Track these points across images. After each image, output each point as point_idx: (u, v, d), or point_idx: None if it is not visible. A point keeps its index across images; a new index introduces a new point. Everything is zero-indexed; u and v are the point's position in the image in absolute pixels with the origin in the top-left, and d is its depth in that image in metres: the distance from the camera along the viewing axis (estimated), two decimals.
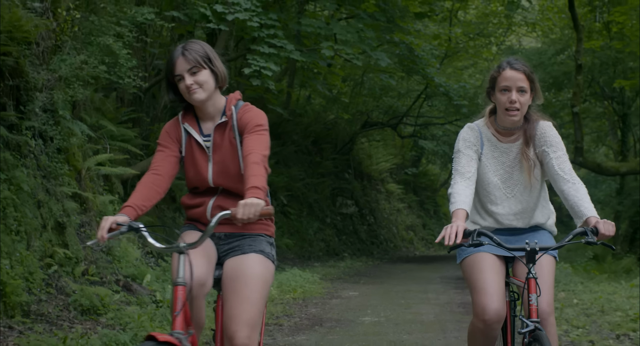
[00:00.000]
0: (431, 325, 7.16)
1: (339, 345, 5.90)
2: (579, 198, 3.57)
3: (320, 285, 10.86)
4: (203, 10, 10.76)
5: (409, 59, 16.24)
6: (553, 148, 3.75)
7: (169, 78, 3.50)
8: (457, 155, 3.83)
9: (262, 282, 3.37)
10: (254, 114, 3.47)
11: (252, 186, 3.13)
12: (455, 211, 3.54)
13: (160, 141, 3.57)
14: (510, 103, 3.68)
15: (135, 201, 3.34)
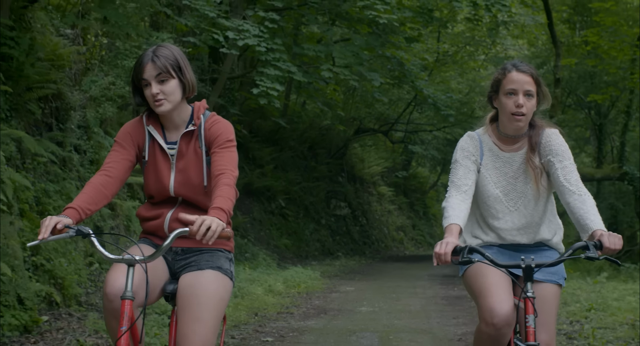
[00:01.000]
0: (417, 313, 8.53)
1: (343, 328, 7.25)
2: (585, 210, 3.33)
3: (320, 281, 12.21)
4: (217, 36, 12.08)
5: (400, 72, 17.57)
6: (559, 158, 3.51)
7: (135, 81, 3.35)
8: (454, 165, 3.61)
9: (217, 300, 3.25)
10: (224, 127, 3.37)
11: (218, 206, 3.02)
12: (448, 226, 3.35)
13: (118, 140, 3.40)
14: (517, 107, 3.47)
15: (80, 204, 3.17)
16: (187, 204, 3.32)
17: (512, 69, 3.49)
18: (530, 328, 3.12)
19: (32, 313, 6.57)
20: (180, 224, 3.18)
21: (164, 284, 3.30)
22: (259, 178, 19.54)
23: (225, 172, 3.15)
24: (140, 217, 3.43)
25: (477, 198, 3.62)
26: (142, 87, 3.29)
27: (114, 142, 3.38)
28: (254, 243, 16.81)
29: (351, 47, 13.44)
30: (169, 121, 3.36)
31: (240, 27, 12.16)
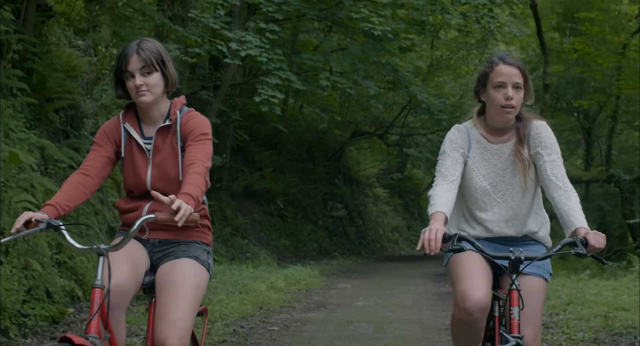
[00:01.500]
0: (410, 307, 9.22)
1: (341, 319, 7.93)
2: (570, 206, 3.36)
3: (319, 279, 12.90)
4: (221, 47, 12.76)
5: (394, 77, 18.25)
6: (547, 150, 3.52)
7: (118, 74, 3.41)
8: (441, 157, 3.62)
9: (194, 286, 3.29)
10: (199, 122, 3.44)
11: (186, 192, 3.09)
12: (434, 213, 3.34)
13: (96, 140, 3.49)
14: (507, 100, 3.48)
15: (58, 201, 3.24)
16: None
17: (500, 62, 3.50)
18: (515, 320, 3.15)
19: (59, 306, 7.25)
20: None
21: (143, 276, 3.35)
22: (259, 181, 20.04)
23: (196, 162, 3.23)
24: (119, 209, 3.51)
25: (464, 191, 3.64)
26: (125, 79, 3.35)
27: (93, 142, 3.47)
28: (254, 243, 17.42)
29: (347, 57, 14.13)
30: (147, 115, 3.44)
31: (243, 38, 12.83)
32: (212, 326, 7.11)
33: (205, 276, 3.35)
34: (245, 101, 16.96)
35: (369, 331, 7.07)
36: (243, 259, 14.86)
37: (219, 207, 17.28)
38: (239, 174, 19.76)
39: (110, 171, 3.45)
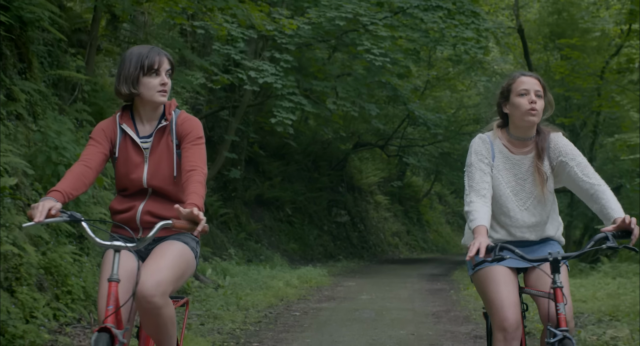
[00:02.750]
0: (405, 299, 11.07)
1: (349, 307, 9.78)
2: (607, 199, 3.58)
3: (327, 278, 14.73)
4: (241, 75, 14.61)
5: (394, 95, 20.08)
6: (570, 156, 3.75)
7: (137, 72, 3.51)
8: (469, 169, 3.82)
9: (180, 256, 3.46)
10: (194, 124, 3.60)
11: (193, 203, 3.24)
12: (477, 227, 3.55)
13: (93, 136, 3.60)
14: (531, 103, 3.71)
15: (65, 188, 3.37)
16: (158, 195, 3.57)
17: (519, 75, 3.83)
18: (562, 315, 3.36)
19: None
20: (151, 217, 3.51)
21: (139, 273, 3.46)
22: (269, 189, 21.61)
23: (196, 168, 3.40)
24: (112, 210, 3.64)
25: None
26: (147, 76, 3.51)
27: (89, 138, 3.60)
28: (267, 247, 19.19)
29: (352, 83, 16.01)
30: (145, 114, 3.60)
31: (260, 67, 14.70)
32: (246, 312, 8.96)
33: (192, 259, 3.54)
34: (259, 119, 18.83)
35: (371, 316, 8.91)
36: (258, 261, 16.60)
37: (235, 214, 19.07)
38: (251, 183, 21.37)
39: (103, 167, 3.58)
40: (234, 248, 16.72)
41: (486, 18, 16.09)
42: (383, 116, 27.35)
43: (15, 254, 6.46)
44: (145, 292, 3.25)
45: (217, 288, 11.42)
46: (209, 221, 16.57)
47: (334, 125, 22.01)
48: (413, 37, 15.43)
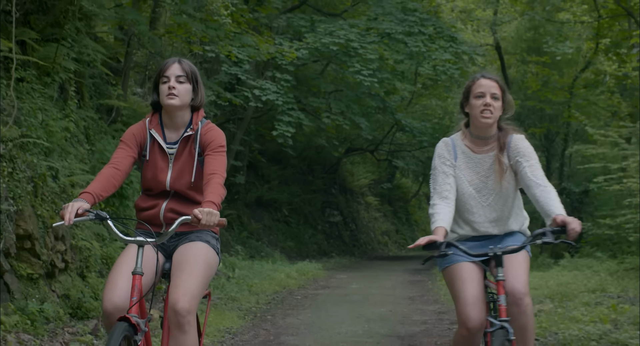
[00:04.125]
0: (388, 287, 13.13)
1: (342, 293, 11.82)
2: (550, 198, 3.76)
3: (322, 271, 16.77)
4: (246, 93, 16.62)
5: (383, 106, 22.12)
6: (526, 158, 3.94)
7: (156, 80, 3.80)
8: (433, 172, 4.05)
9: (205, 263, 3.70)
10: (217, 134, 3.81)
11: (211, 201, 3.49)
12: (436, 228, 3.78)
13: (124, 139, 3.82)
14: (485, 106, 3.91)
15: (95, 190, 3.59)
16: (179, 196, 3.81)
17: (480, 77, 4.02)
18: (502, 307, 3.59)
19: None
20: (173, 214, 3.74)
21: (162, 265, 3.76)
22: (267, 192, 23.30)
23: (216, 172, 3.63)
24: (137, 207, 3.87)
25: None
26: (160, 83, 3.79)
27: (120, 141, 3.83)
28: (267, 244, 21.13)
29: (344, 99, 18.08)
30: (171, 121, 3.82)
31: (263, 86, 16.72)
32: (257, 296, 10.98)
33: (215, 259, 3.81)
34: (260, 129, 20.86)
35: (358, 299, 10.97)
36: (259, 257, 18.57)
37: (237, 215, 20.99)
38: (251, 187, 23.19)
39: (131, 169, 3.83)
40: (237, 245, 18.67)
41: (463, 41, 18.12)
42: (374, 121, 29.33)
43: (86, 248, 8.46)
44: (179, 311, 3.52)
45: (228, 278, 13.39)
46: None
47: (328, 134, 23.97)
48: (398, 59, 17.49)
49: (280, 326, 7.95)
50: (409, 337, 7.25)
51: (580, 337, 6.55)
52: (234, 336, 7.17)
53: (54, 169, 7.98)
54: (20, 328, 6.53)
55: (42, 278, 7.51)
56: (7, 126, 7.00)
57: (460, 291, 3.86)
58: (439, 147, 4.10)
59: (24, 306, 6.86)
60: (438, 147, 4.10)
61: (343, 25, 17.52)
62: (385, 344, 6.85)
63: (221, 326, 7.51)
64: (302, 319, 8.58)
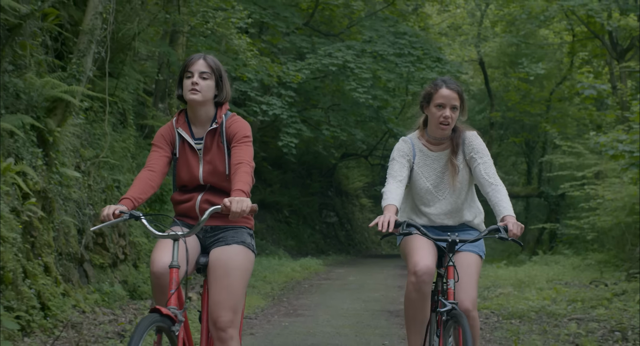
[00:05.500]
0: (380, 279, 15.29)
1: (342, 283, 13.97)
2: (499, 198, 4.01)
3: (322, 266, 18.92)
4: (255, 109, 18.74)
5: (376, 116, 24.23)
6: (479, 154, 4.17)
7: (181, 74, 3.88)
8: (391, 163, 4.28)
9: (243, 271, 3.79)
10: (242, 125, 3.89)
11: (239, 189, 3.56)
12: (387, 206, 3.98)
13: (155, 142, 3.93)
14: (444, 118, 4.09)
15: (133, 194, 3.72)
16: (214, 189, 3.90)
17: (443, 86, 4.12)
18: (451, 290, 3.83)
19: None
20: (209, 205, 3.81)
21: (197, 258, 3.87)
22: (270, 195, 25.08)
23: (243, 162, 3.72)
24: (174, 201, 3.98)
25: (412, 191, 4.28)
26: (185, 78, 3.86)
27: (152, 145, 3.94)
28: (270, 243, 23.21)
29: (341, 112, 20.24)
30: (196, 117, 3.89)
31: (270, 101, 18.84)
32: (271, 285, 13.10)
33: (251, 258, 3.89)
34: (265, 139, 22.99)
35: (356, 287, 13.12)
36: (265, 254, 20.65)
37: None
38: (255, 190, 25.05)
39: (168, 168, 3.90)
40: None
41: (447, 61, 20.28)
42: (368, 128, 31.28)
43: (139, 243, 10.58)
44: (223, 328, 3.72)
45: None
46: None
47: (325, 142, 26.03)
48: (389, 77, 19.65)
49: (295, 305, 10.10)
50: (396, 311, 9.40)
51: (525, 309, 8.69)
52: (263, 310, 9.34)
53: (117, 181, 10.09)
54: (100, 304, 8.63)
55: (110, 267, 9.64)
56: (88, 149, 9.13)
57: (412, 247, 4.13)
58: (399, 144, 4.32)
59: (99, 288, 8.99)
60: (398, 144, 4.31)
61: (340, 47, 19.67)
62: (378, 316, 9.00)
63: (251, 305, 9.66)
64: (312, 300, 10.72)
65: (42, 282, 7.15)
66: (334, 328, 7.78)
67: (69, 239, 8.37)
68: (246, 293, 3.93)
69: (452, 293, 3.83)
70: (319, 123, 20.65)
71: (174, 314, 3.46)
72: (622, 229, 14.67)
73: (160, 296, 3.74)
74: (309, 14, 21.73)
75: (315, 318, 8.61)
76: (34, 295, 6.85)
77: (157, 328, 3.39)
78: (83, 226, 8.90)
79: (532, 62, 20.72)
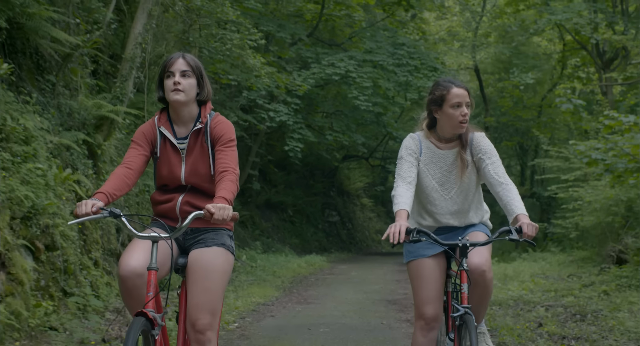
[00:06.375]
0: (380, 274, 16.61)
1: (345, 277, 15.29)
2: (511, 197, 3.96)
3: (326, 263, 20.25)
4: (263, 115, 20.06)
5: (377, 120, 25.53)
6: (488, 155, 4.13)
7: (161, 75, 3.80)
8: (399, 161, 4.19)
9: (222, 273, 3.74)
10: (227, 128, 3.83)
11: (223, 196, 3.50)
12: (398, 211, 3.91)
13: (134, 139, 3.84)
14: (464, 117, 4.08)
15: (108, 189, 3.63)
16: (195, 190, 3.85)
17: (453, 86, 4.14)
18: (464, 294, 3.82)
19: None
20: (189, 207, 3.79)
21: (176, 259, 3.82)
22: (275, 195, 26.29)
23: (228, 169, 3.68)
24: (153, 201, 3.92)
25: (418, 188, 4.22)
26: (165, 79, 3.80)
27: (131, 141, 3.88)
28: (276, 241, 24.50)
29: (343, 119, 21.57)
30: (178, 116, 3.84)
31: (277, 109, 20.16)
32: (281, 278, 14.41)
33: (231, 260, 3.86)
34: (271, 143, 24.30)
35: (358, 281, 14.46)
36: (272, 252, 21.95)
37: (250, 215, 24.28)
38: (261, 190, 26.50)
39: (145, 167, 3.86)
40: (252, 242, 22.03)
41: (443, 71, 21.61)
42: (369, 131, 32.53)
43: None
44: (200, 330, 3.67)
45: (252, 267, 16.82)
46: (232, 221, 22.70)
47: (328, 146, 27.32)
48: (389, 86, 20.99)
49: (304, 295, 11.43)
50: (394, 300, 10.73)
51: (505, 298, 10.00)
52: (277, 299, 10.69)
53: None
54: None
55: None
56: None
57: (419, 289, 4.14)
58: (406, 141, 4.28)
59: None
60: (406, 141, 4.28)
61: (343, 57, 21.00)
62: (377, 303, 10.33)
63: (266, 294, 11.00)
64: (319, 291, 12.05)
65: (94, 273, 8.48)
66: (340, 312, 9.12)
67: (110, 237, 9.70)
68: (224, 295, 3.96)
69: (466, 298, 3.85)
70: (323, 128, 21.96)
71: (154, 317, 3.45)
72: (603, 228, 15.95)
73: (129, 300, 3.71)
74: (312, 25, 23.07)
75: (323, 305, 9.94)
76: (88, 284, 8.18)
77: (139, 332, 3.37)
78: (120, 226, 10.22)
79: (522, 72, 22.05)
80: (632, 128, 10.24)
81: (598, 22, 19.78)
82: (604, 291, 9.84)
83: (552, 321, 7.83)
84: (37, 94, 8.37)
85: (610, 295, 9.53)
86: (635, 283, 9.93)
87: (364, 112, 23.14)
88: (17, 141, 7.25)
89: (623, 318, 7.56)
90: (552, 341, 6.72)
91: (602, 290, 9.96)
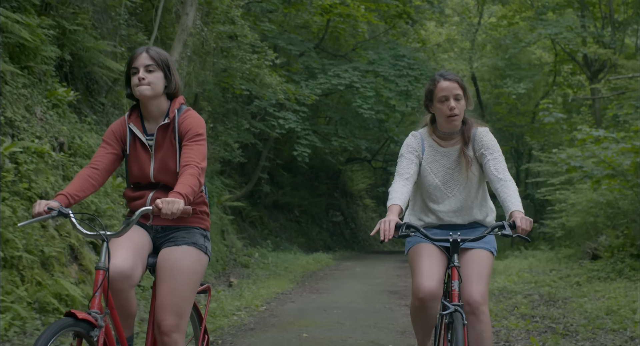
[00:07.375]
0: (382, 270, 18.13)
1: (349, 273, 16.81)
2: (508, 194, 3.88)
3: (332, 260, 21.78)
4: (273, 122, 21.58)
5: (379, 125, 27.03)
6: (490, 150, 4.06)
7: (127, 72, 3.71)
8: (400, 159, 4.15)
9: (190, 274, 3.63)
10: (195, 122, 3.69)
11: (177, 191, 3.37)
12: (391, 206, 3.85)
13: (104, 138, 3.76)
14: (451, 110, 3.99)
15: (70, 191, 3.55)
16: (166, 187, 3.74)
17: (441, 79, 4.06)
18: (455, 291, 3.73)
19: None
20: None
21: (147, 258, 3.70)
22: (282, 196, 27.46)
23: (190, 163, 3.54)
24: (127, 197, 3.86)
25: (421, 186, 4.20)
26: (131, 76, 3.72)
27: (102, 140, 3.79)
28: (285, 240, 25.94)
29: (348, 126, 23.13)
30: (148, 112, 3.75)
31: (286, 116, 21.68)
32: (292, 273, 15.93)
33: (203, 260, 3.74)
34: (279, 147, 25.82)
35: (363, 275, 15.98)
36: (280, 250, 23.39)
37: (259, 216, 25.70)
38: (269, 192, 27.88)
39: (117, 166, 3.79)
40: (262, 241, 23.46)
41: None
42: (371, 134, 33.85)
43: None
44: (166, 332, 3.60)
45: (264, 263, 18.32)
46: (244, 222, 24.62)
47: (333, 151, 28.78)
48: (390, 96, 22.53)
49: (316, 287, 12.96)
50: (394, 291, 12.27)
51: (491, 289, 11.52)
52: (293, 289, 12.24)
53: None
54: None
55: None
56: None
57: (417, 264, 4.04)
58: (408, 139, 4.24)
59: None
60: (408, 139, 4.24)
61: (347, 68, 22.53)
62: (380, 292, 11.87)
63: (283, 285, 12.55)
64: (328, 284, 13.58)
65: None
66: (349, 299, 10.68)
67: None
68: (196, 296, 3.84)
69: (456, 295, 3.76)
70: (328, 134, 23.50)
71: (95, 318, 3.29)
72: (587, 228, 17.46)
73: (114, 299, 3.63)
74: (319, 37, 24.62)
75: (334, 294, 11.48)
76: None
77: (74, 333, 3.25)
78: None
79: (515, 83, 23.60)
80: (602, 140, 11.74)
81: (585, 36, 21.26)
82: (576, 282, 11.38)
83: (526, 305, 9.35)
84: (91, 114, 9.90)
85: (581, 285, 11.08)
86: (603, 275, 11.49)
87: (367, 119, 24.66)
88: (82, 156, 8.79)
89: (584, 302, 9.10)
90: (522, 319, 8.24)
91: (575, 281, 11.49)
